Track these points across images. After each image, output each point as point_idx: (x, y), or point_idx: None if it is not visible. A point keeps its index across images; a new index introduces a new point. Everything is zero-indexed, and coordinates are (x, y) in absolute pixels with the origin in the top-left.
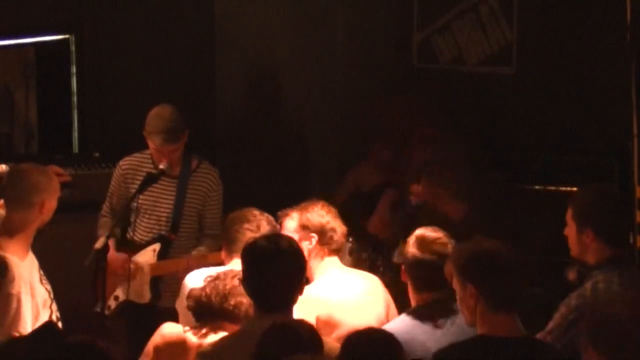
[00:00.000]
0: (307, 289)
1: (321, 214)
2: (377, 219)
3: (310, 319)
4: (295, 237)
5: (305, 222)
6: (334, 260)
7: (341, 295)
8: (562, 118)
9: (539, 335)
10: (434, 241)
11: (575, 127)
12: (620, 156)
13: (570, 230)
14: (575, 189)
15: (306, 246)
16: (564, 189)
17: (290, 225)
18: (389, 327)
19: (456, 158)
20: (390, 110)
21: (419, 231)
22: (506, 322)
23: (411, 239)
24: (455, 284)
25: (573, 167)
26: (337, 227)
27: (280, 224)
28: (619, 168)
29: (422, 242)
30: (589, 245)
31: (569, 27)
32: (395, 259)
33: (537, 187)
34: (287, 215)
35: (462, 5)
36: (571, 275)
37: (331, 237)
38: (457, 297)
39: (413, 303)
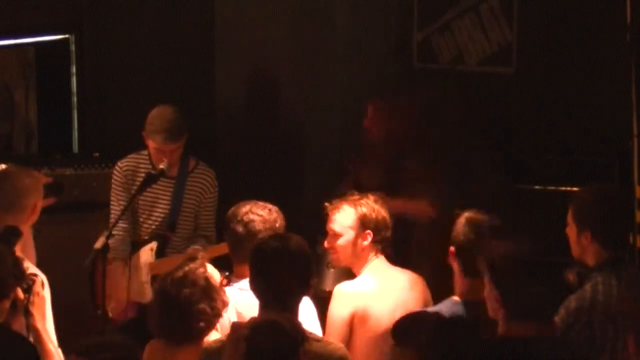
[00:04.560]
0: (344, 284)
1: (377, 210)
2: None
3: (346, 314)
4: (349, 233)
5: (362, 217)
6: (382, 260)
7: (372, 286)
8: (562, 118)
9: None
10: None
11: (575, 127)
12: (620, 156)
13: (571, 231)
14: (575, 189)
15: (360, 243)
16: (564, 189)
17: (344, 219)
18: (436, 307)
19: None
20: (389, 111)
21: (468, 213)
22: (529, 327)
23: (461, 221)
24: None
25: (573, 167)
26: (390, 224)
27: (328, 217)
28: (619, 168)
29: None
30: (587, 246)
31: (569, 27)
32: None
33: (537, 187)
34: (337, 208)
35: (462, 5)
36: (571, 276)
37: (385, 236)
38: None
39: (459, 289)
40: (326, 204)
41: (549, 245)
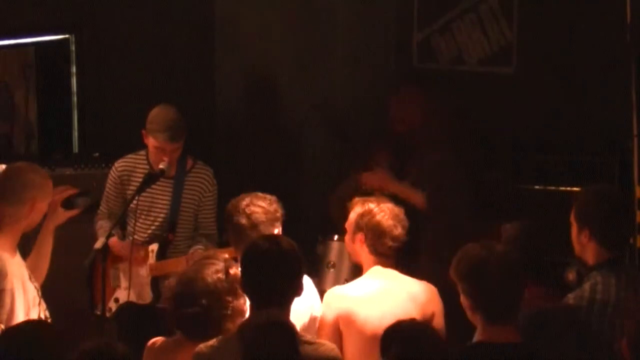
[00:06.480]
0: (335, 287)
1: (375, 214)
2: None
3: (331, 316)
4: (350, 231)
5: (358, 219)
6: (380, 268)
7: (360, 291)
8: (562, 118)
9: None
10: None
11: (575, 127)
12: (620, 156)
13: (573, 230)
14: (575, 189)
15: (356, 244)
16: (564, 189)
17: (350, 217)
18: None
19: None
20: (395, 109)
21: None
22: (504, 331)
23: None
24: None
25: (573, 167)
26: (394, 231)
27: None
28: (619, 168)
29: None
30: (587, 245)
31: (568, 27)
32: None
33: (537, 187)
34: (356, 204)
35: (462, 5)
36: (570, 275)
37: (382, 243)
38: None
39: None
40: (356, 198)
41: (549, 245)
